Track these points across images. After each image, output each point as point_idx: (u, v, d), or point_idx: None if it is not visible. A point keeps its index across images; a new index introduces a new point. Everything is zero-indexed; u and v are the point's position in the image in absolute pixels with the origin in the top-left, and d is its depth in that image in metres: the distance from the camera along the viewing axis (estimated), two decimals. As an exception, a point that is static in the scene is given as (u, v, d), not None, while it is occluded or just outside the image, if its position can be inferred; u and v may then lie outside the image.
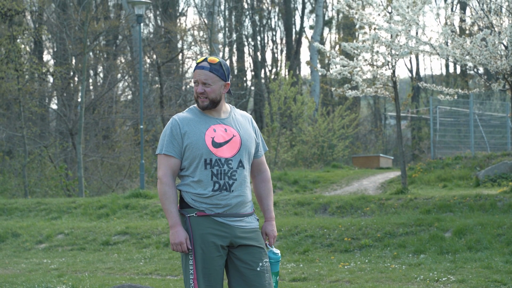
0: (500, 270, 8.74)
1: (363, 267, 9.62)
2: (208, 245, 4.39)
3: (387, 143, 36.91)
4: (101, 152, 26.29)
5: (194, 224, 4.42)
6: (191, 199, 4.44)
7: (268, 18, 40.50)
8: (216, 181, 4.41)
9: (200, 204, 4.42)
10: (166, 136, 4.49)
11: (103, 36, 29.55)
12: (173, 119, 4.53)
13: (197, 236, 4.40)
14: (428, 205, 12.85)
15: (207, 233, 4.40)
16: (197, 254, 4.39)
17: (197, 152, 4.43)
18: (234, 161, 4.46)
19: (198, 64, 4.54)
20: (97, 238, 13.17)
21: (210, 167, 4.41)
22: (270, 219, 4.68)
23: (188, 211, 4.45)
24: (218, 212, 4.42)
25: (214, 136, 4.46)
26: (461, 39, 13.65)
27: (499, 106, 28.14)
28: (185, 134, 4.45)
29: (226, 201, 4.43)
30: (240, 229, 4.47)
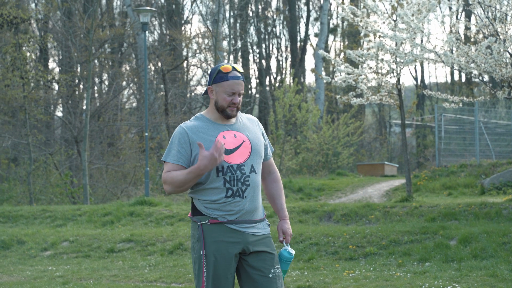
0: (506, 279, 8.71)
1: (368, 275, 9.60)
2: (221, 252, 4.38)
3: (392, 151, 36.88)
4: (106, 159, 26.32)
5: (207, 231, 4.40)
6: (204, 206, 4.42)
7: (273, 26, 40.56)
8: (229, 188, 4.39)
9: (213, 211, 4.40)
10: (173, 144, 4.45)
11: (108, 43, 29.64)
12: (180, 127, 4.48)
13: (210, 243, 4.38)
14: (433, 213, 12.82)
15: (220, 241, 4.39)
16: (209, 261, 4.37)
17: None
18: (247, 166, 4.45)
19: (231, 74, 4.46)
20: (102, 246, 13.17)
21: (222, 174, 4.39)
22: (285, 217, 4.69)
23: (200, 219, 4.43)
24: (231, 219, 4.40)
25: (224, 143, 4.43)
26: (466, 47, 13.65)
27: (504, 114, 28.11)
28: (194, 143, 4.41)
29: (239, 207, 4.41)
30: (253, 235, 4.47)
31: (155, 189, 24.32)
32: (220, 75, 4.44)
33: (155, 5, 32.14)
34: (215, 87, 4.46)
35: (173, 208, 15.87)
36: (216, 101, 4.47)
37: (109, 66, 31.96)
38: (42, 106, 25.34)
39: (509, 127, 25.28)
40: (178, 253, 12.38)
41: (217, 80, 4.45)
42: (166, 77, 29.09)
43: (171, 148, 4.45)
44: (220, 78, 4.44)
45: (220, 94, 4.44)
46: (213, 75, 4.47)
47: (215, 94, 4.46)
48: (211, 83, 4.48)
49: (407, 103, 33.30)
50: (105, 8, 32.80)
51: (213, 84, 4.47)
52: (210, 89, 4.49)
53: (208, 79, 4.53)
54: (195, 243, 4.45)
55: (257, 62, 39.36)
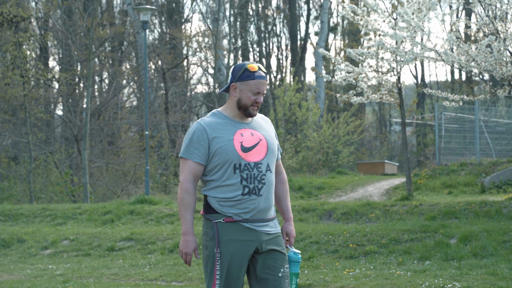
0: (506, 277, 8.71)
1: (368, 273, 9.60)
2: (236, 251, 4.38)
3: (392, 150, 36.88)
4: (106, 158, 26.32)
5: (222, 230, 4.40)
6: (219, 204, 4.41)
7: (273, 24, 40.55)
8: (246, 185, 4.40)
9: (228, 209, 4.40)
10: (191, 141, 4.44)
11: (108, 42, 29.62)
12: (198, 124, 4.47)
13: (225, 242, 4.38)
14: (433, 212, 12.83)
15: (235, 239, 4.39)
16: (223, 260, 4.38)
17: (226, 157, 4.40)
18: (263, 165, 4.46)
19: (257, 74, 4.46)
20: (102, 244, 13.18)
21: (239, 172, 4.40)
22: (289, 219, 4.72)
23: (215, 217, 4.43)
24: (246, 217, 4.41)
25: (242, 141, 4.44)
26: (466, 45, 13.65)
27: (505, 113, 28.10)
28: (213, 140, 4.40)
29: (254, 205, 4.42)
30: (266, 234, 4.48)
31: (155, 188, 24.32)
32: (247, 73, 4.43)
33: (155, 4, 32.13)
34: (240, 85, 4.45)
35: (173, 207, 15.87)
36: (239, 99, 4.47)
37: (109, 65, 31.95)
38: (42, 104, 25.34)
39: (509, 125, 25.28)
40: (178, 251, 12.36)
41: (243, 78, 4.44)
42: (166, 76, 29.09)
43: (189, 145, 4.44)
44: (247, 76, 4.43)
45: (245, 92, 4.44)
46: (238, 72, 4.45)
47: (239, 92, 4.46)
48: (236, 80, 4.45)
49: (407, 101, 33.31)
50: (105, 7, 32.79)
51: (237, 82, 4.45)
52: (234, 87, 4.47)
53: (231, 76, 4.49)
54: (208, 241, 4.45)
55: (258, 60, 39.36)
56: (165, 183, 25.29)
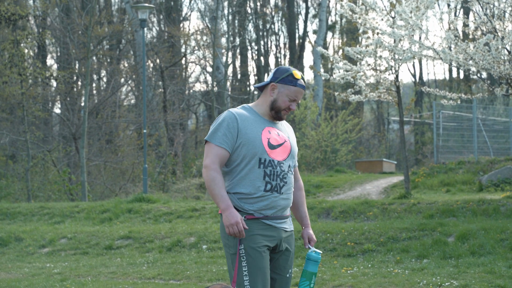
0: (503, 275, 8.72)
1: (366, 271, 9.60)
2: (259, 245, 4.38)
3: (390, 148, 36.90)
4: (104, 156, 26.32)
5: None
6: (240, 201, 4.40)
7: (271, 22, 40.54)
8: (268, 182, 4.42)
9: (249, 206, 4.40)
10: (221, 126, 4.43)
11: (106, 40, 29.61)
12: (230, 112, 4.47)
13: (248, 237, 4.37)
14: (431, 210, 12.83)
15: (257, 234, 4.39)
16: (249, 256, 4.36)
17: (253, 150, 4.41)
18: (285, 165, 4.50)
19: (300, 82, 4.52)
20: (100, 243, 13.17)
21: (263, 167, 4.42)
22: (308, 225, 4.76)
23: None
24: (267, 214, 4.42)
25: (269, 138, 4.48)
26: (464, 44, 13.65)
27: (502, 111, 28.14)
28: (242, 130, 4.41)
29: (275, 203, 4.44)
30: (284, 231, 4.52)
31: (153, 186, 24.32)
32: (290, 78, 4.49)
33: (154, 2, 32.10)
34: (280, 87, 4.50)
35: (171, 205, 15.86)
36: (275, 100, 4.51)
37: (108, 63, 31.94)
38: (40, 103, 25.32)
39: (507, 124, 25.30)
40: (177, 250, 12.38)
41: (286, 82, 4.49)
42: (164, 74, 29.07)
43: (218, 130, 4.42)
44: (290, 81, 4.49)
45: (283, 95, 4.49)
46: (282, 74, 4.50)
47: (277, 93, 4.50)
48: (277, 81, 4.49)
49: (405, 100, 33.34)
50: (103, 5, 32.76)
51: (278, 83, 4.50)
52: (273, 86, 4.51)
53: (272, 76, 4.53)
54: (231, 240, 4.41)
55: (256, 59, 39.36)
56: (163, 182, 25.28)
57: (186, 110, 31.94)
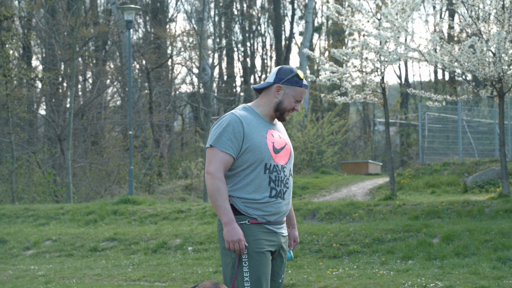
0: (488, 276, 8.76)
1: (352, 273, 9.62)
2: (262, 250, 4.30)
3: (376, 149, 36.99)
4: (90, 158, 26.21)
5: (247, 231, 4.29)
6: (244, 206, 4.30)
7: (257, 24, 40.55)
8: (273, 187, 4.33)
9: (253, 211, 4.31)
10: (225, 131, 4.28)
11: (92, 41, 29.51)
12: (233, 115, 4.32)
13: (250, 242, 4.28)
14: (416, 211, 12.87)
15: (260, 239, 4.30)
16: (251, 261, 4.27)
17: (259, 155, 4.30)
18: (287, 169, 4.42)
19: (304, 82, 4.43)
20: (85, 245, 13.12)
21: (269, 172, 4.31)
22: (295, 226, 4.72)
23: (239, 218, 4.30)
24: (270, 220, 4.34)
25: (274, 142, 4.37)
26: (450, 46, 13.71)
27: (487, 113, 28.26)
28: (248, 135, 4.29)
29: (279, 209, 4.37)
30: (283, 236, 4.45)
31: (139, 188, 24.25)
32: (296, 79, 4.38)
33: (140, 3, 32.03)
34: (286, 88, 4.38)
35: (157, 207, 15.82)
36: (280, 101, 4.39)
37: (93, 64, 31.83)
38: (25, 104, 25.18)
39: (491, 125, 25.42)
40: (162, 251, 12.35)
41: (292, 83, 4.38)
42: (150, 75, 29.01)
43: (222, 134, 4.28)
44: (296, 82, 4.38)
45: (289, 97, 4.38)
46: (287, 75, 4.39)
47: (283, 94, 4.39)
48: (283, 82, 4.38)
49: (391, 101, 33.43)
50: (89, 6, 32.65)
51: (284, 84, 4.38)
52: (278, 88, 4.38)
53: (275, 76, 4.40)
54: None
55: (242, 60, 39.36)
56: (149, 183, 25.22)
57: (172, 112, 31.88)
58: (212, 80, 23.85)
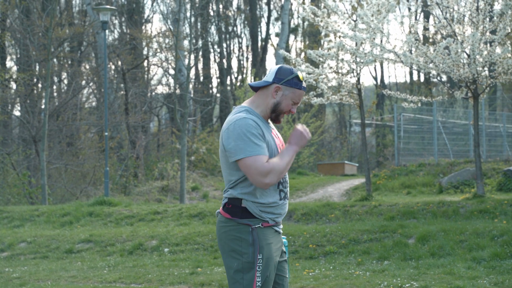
0: (462, 276, 8.83)
1: (328, 274, 9.64)
2: (272, 255, 4.24)
3: (352, 150, 37.14)
4: (65, 159, 26.03)
5: (261, 235, 4.21)
6: (259, 210, 4.20)
7: (234, 25, 40.54)
8: (281, 189, 4.28)
9: (266, 214, 4.23)
10: (250, 135, 4.10)
11: (67, 42, 29.31)
12: (248, 119, 4.15)
13: (264, 246, 4.20)
14: (392, 212, 12.94)
15: (271, 243, 4.25)
16: (263, 265, 4.19)
17: (271, 153, 4.21)
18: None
19: (303, 85, 4.31)
20: (60, 246, 13.02)
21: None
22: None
23: (254, 222, 4.20)
24: (277, 221, 4.30)
25: (278, 144, 4.30)
26: (425, 47, 13.81)
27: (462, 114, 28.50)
28: (265, 138, 4.18)
29: (285, 210, 4.33)
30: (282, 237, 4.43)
31: (115, 189, 24.13)
32: (296, 81, 4.25)
33: (115, 4, 31.88)
34: (285, 89, 4.25)
35: (133, 208, 15.76)
36: (278, 103, 4.26)
37: (69, 65, 31.62)
38: (-1, 105, 24.95)
39: (466, 126, 25.64)
40: (138, 253, 12.30)
41: (292, 84, 4.25)
42: (126, 76, 28.87)
43: (249, 140, 4.10)
44: (296, 84, 4.25)
45: (287, 99, 4.26)
46: (286, 76, 4.25)
47: (281, 96, 4.26)
48: (282, 83, 4.24)
49: (367, 102, 33.59)
50: (64, 7, 32.41)
51: (283, 85, 4.25)
52: (277, 88, 4.24)
53: (275, 76, 4.25)
54: (245, 248, 4.19)
55: (218, 61, 39.31)
56: (125, 185, 25.10)
57: (148, 113, 31.75)
58: (188, 81, 23.78)
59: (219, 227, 4.29)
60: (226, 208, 4.25)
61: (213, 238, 12.37)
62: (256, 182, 4.09)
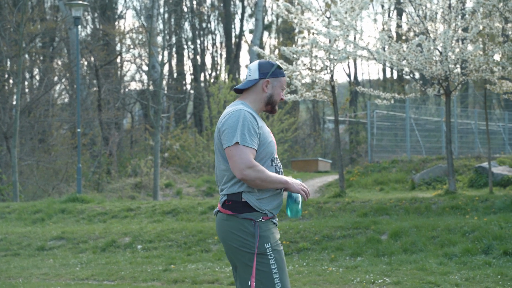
0: (434, 272, 8.90)
1: (301, 270, 9.67)
2: (278, 244, 4.35)
3: (325, 147, 37.25)
4: (37, 156, 25.80)
5: (263, 227, 4.31)
6: (259, 202, 4.32)
7: (207, 21, 40.45)
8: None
9: (265, 206, 4.33)
10: (247, 128, 4.27)
11: (39, 38, 29.03)
12: (247, 112, 4.33)
13: (269, 236, 4.31)
14: (365, 208, 13.00)
15: (274, 233, 4.36)
16: (275, 252, 4.30)
17: (270, 149, 4.38)
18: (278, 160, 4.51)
19: (284, 71, 4.56)
20: (32, 244, 12.91)
21: (274, 164, 4.40)
22: None
23: (255, 216, 4.30)
24: (275, 214, 4.40)
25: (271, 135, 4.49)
26: (398, 44, 13.88)
27: (434, 111, 28.72)
28: (260, 130, 4.35)
29: (281, 200, 4.44)
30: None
31: (87, 186, 23.96)
32: (278, 70, 4.51)
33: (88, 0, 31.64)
34: (273, 81, 4.50)
35: (106, 205, 15.66)
36: (271, 95, 4.50)
37: (40, 61, 31.32)
38: (-30, 101, 24.66)
39: (438, 123, 25.86)
40: (111, 250, 12.23)
41: (277, 75, 4.50)
42: (99, 73, 28.68)
43: (246, 132, 4.26)
44: (280, 73, 4.51)
45: (277, 89, 4.51)
46: (270, 69, 4.50)
47: (271, 88, 4.50)
48: (269, 76, 4.48)
49: (340, 99, 33.70)
50: (35, 2, 32.08)
51: (270, 78, 4.49)
52: (267, 83, 4.47)
53: (260, 72, 4.48)
54: (252, 241, 4.27)
55: (192, 58, 39.20)
56: (98, 181, 24.94)
57: (122, 109, 31.59)
58: (162, 78, 23.69)
59: (222, 225, 4.38)
60: (226, 205, 4.34)
61: (186, 235, 12.35)
62: (235, 169, 4.22)
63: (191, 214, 14.44)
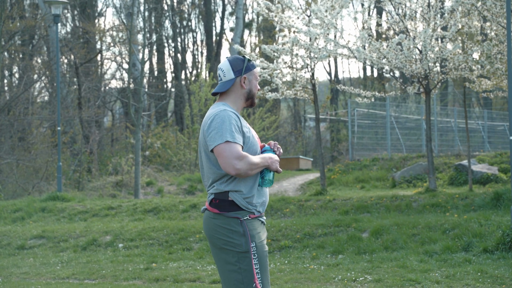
0: (415, 269, 8.95)
1: (283, 268, 9.69)
2: (263, 244, 4.35)
3: (306, 145, 37.33)
4: (17, 154, 25.62)
5: (250, 225, 4.32)
6: (245, 201, 4.33)
7: (188, 19, 40.36)
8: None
9: (252, 205, 4.34)
10: (230, 125, 4.26)
11: (18, 35, 28.83)
12: (231, 112, 4.33)
13: (255, 235, 4.32)
14: (346, 206, 13.05)
15: (259, 232, 4.37)
16: (259, 254, 4.31)
17: (254, 148, 4.38)
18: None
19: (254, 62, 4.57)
20: (12, 243, 12.83)
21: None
22: None
23: (242, 214, 4.32)
24: (260, 211, 4.41)
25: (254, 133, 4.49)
26: (378, 43, 13.94)
27: (414, 109, 28.87)
28: (242, 130, 4.33)
29: (265, 197, 4.44)
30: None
31: (68, 185, 23.85)
32: (250, 63, 4.49)
33: (68, -3, 31.44)
34: (248, 75, 4.48)
35: (86, 204, 15.60)
36: (250, 90, 4.50)
37: (20, 59, 31.10)
38: None
39: (418, 121, 26.00)
40: (92, 249, 12.19)
41: (250, 68, 4.49)
42: (79, 71, 28.53)
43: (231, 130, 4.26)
44: (252, 66, 4.50)
45: (253, 82, 4.51)
46: (242, 64, 4.46)
47: (248, 83, 4.49)
48: (244, 72, 4.46)
49: (321, 97, 33.78)
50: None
51: (246, 74, 4.46)
52: (244, 79, 4.45)
53: (234, 71, 4.45)
54: (237, 239, 4.29)
55: (173, 56, 39.11)
56: (79, 180, 24.83)
57: (102, 107, 31.43)
58: (143, 76, 23.62)
59: (208, 223, 4.40)
60: (213, 203, 4.36)
61: (168, 233, 12.33)
62: (228, 165, 4.21)
63: (172, 213, 14.43)
